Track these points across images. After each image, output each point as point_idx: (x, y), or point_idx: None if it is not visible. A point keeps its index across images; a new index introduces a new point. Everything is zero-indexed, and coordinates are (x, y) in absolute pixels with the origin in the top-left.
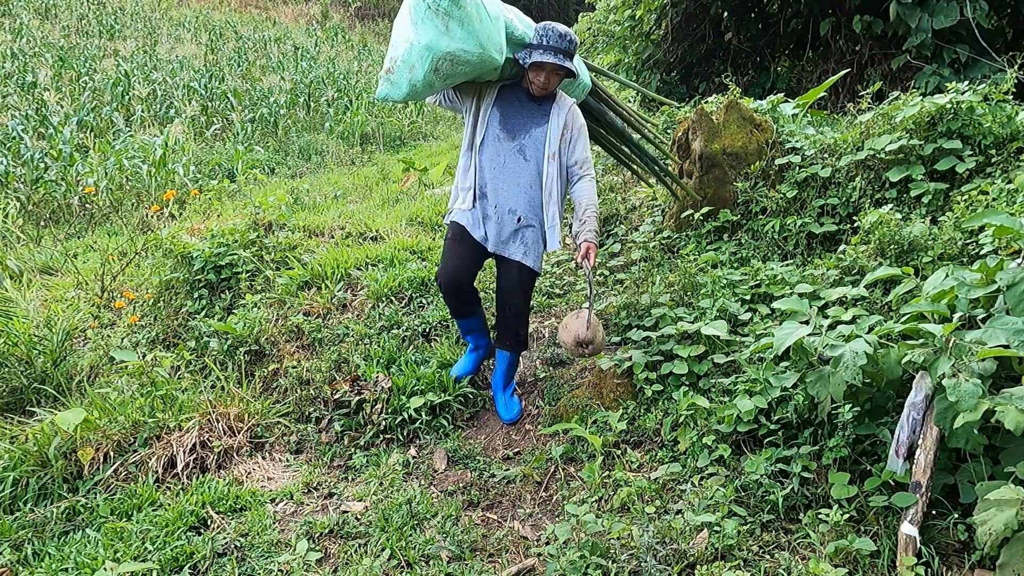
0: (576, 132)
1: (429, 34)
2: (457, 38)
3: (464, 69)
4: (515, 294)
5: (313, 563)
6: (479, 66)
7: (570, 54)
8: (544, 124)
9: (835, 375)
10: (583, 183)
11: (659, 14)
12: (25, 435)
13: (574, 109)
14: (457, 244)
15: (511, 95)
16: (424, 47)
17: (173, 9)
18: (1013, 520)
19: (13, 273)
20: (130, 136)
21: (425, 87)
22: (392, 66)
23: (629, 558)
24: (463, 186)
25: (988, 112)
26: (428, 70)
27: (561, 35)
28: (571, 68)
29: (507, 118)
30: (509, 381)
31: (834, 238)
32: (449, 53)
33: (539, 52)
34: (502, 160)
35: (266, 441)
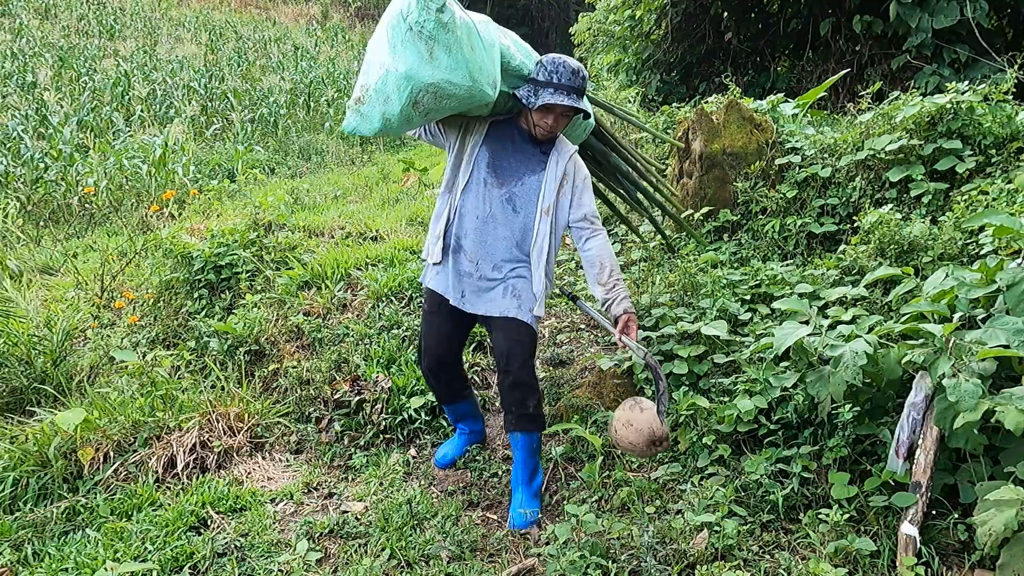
0: (580, 184)
1: (409, 61)
2: (443, 67)
3: (449, 104)
4: (513, 358)
5: (313, 563)
6: (467, 101)
7: (583, 92)
8: (540, 172)
9: (835, 375)
10: (597, 240)
11: (659, 14)
12: (25, 435)
13: (576, 158)
14: (434, 318)
15: (504, 133)
16: (403, 76)
17: (173, 9)
18: (1013, 520)
19: (13, 273)
20: (130, 136)
21: (401, 122)
22: (363, 95)
23: (629, 558)
24: (435, 234)
25: (988, 112)
26: (406, 103)
27: (574, 71)
28: (586, 109)
29: (497, 160)
30: (531, 474)
31: (834, 238)
32: (432, 84)
33: (548, 92)
34: (488, 209)
35: (266, 441)
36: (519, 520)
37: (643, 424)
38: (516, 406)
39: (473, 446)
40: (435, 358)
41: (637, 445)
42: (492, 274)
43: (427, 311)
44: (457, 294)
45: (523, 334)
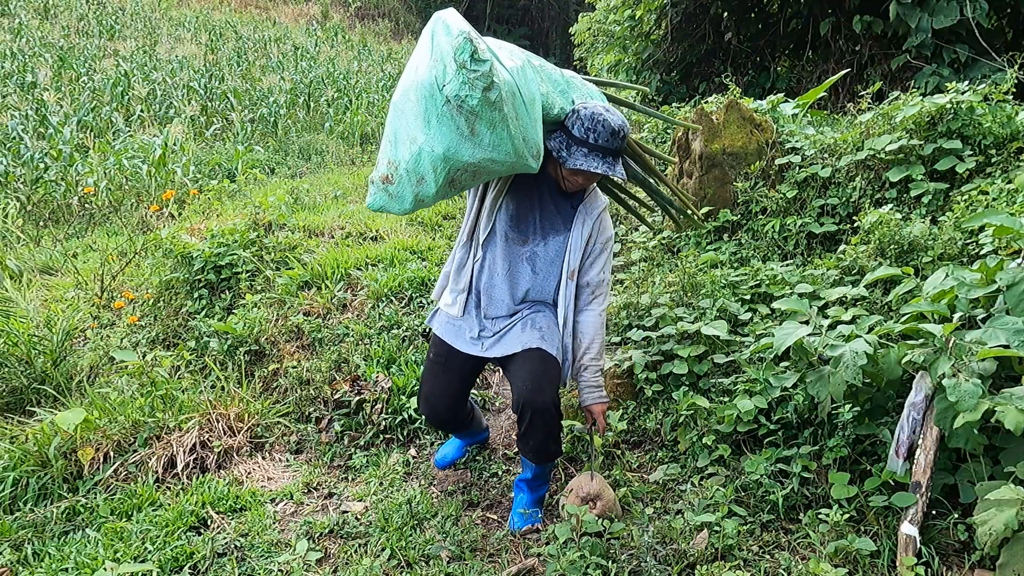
0: (599, 248)
1: (447, 139)
2: (485, 145)
3: (486, 177)
4: (537, 392)
5: (313, 563)
6: (507, 172)
7: (620, 153)
8: (565, 233)
9: (835, 375)
10: (591, 314)
11: (659, 14)
12: (25, 435)
13: (603, 218)
14: (443, 370)
15: (531, 185)
16: (439, 157)
17: (173, 9)
18: (1013, 520)
19: (13, 273)
20: (130, 136)
21: (435, 199)
22: (391, 173)
23: (629, 558)
24: (456, 287)
25: (988, 112)
26: (443, 183)
27: (613, 132)
28: (620, 177)
29: (521, 214)
30: (539, 484)
31: (834, 238)
32: (473, 164)
33: (582, 153)
34: (506, 266)
35: (266, 441)
36: (519, 521)
37: (576, 485)
38: (536, 441)
39: (472, 447)
40: (441, 410)
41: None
42: (506, 320)
43: (432, 359)
44: (476, 346)
45: (548, 367)
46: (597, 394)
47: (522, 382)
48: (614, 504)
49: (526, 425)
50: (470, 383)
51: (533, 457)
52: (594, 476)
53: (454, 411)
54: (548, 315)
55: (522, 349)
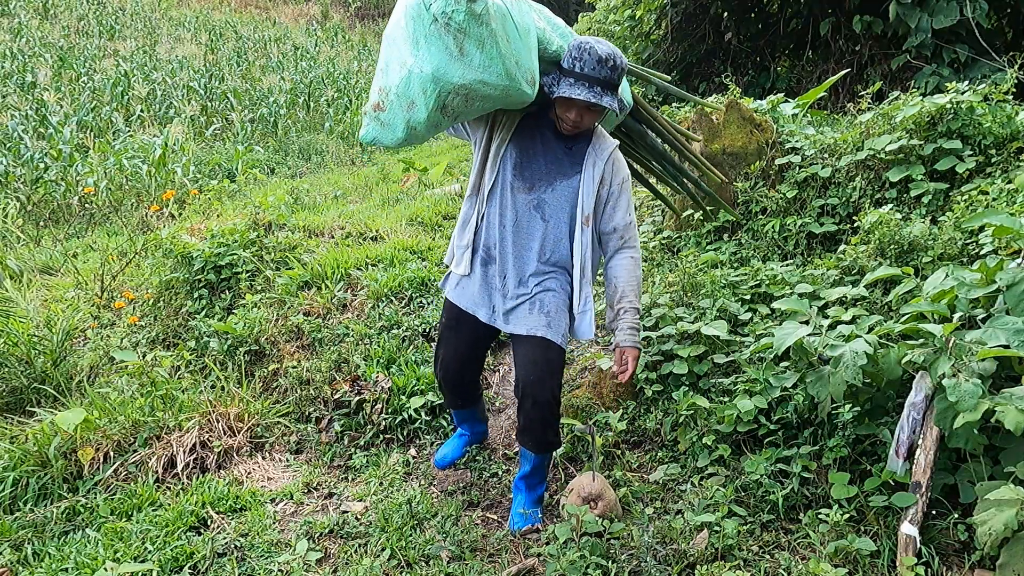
0: (617, 189)
1: (436, 59)
2: (475, 65)
3: (482, 105)
4: (539, 383)
5: (313, 563)
6: (502, 101)
7: (612, 85)
8: (575, 177)
9: (835, 375)
10: (622, 258)
11: (659, 14)
12: (25, 435)
13: (616, 157)
14: (454, 335)
15: (534, 130)
16: (428, 77)
17: (173, 9)
18: (1013, 520)
19: (13, 273)
20: (130, 136)
21: (428, 129)
22: (382, 100)
23: (629, 558)
24: (460, 243)
25: (988, 112)
26: (433, 108)
27: (600, 60)
28: (608, 107)
29: (526, 161)
30: (536, 484)
31: (834, 238)
32: (463, 86)
33: (568, 82)
34: (513, 217)
35: (266, 441)
36: (519, 521)
37: (578, 486)
38: (534, 431)
39: (473, 447)
40: (451, 373)
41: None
42: (518, 289)
43: (444, 324)
44: (488, 310)
45: (551, 356)
46: (633, 337)
47: (525, 371)
48: (615, 504)
49: (525, 414)
50: (481, 349)
51: (532, 446)
52: (595, 476)
53: (461, 375)
54: (559, 295)
55: (527, 334)
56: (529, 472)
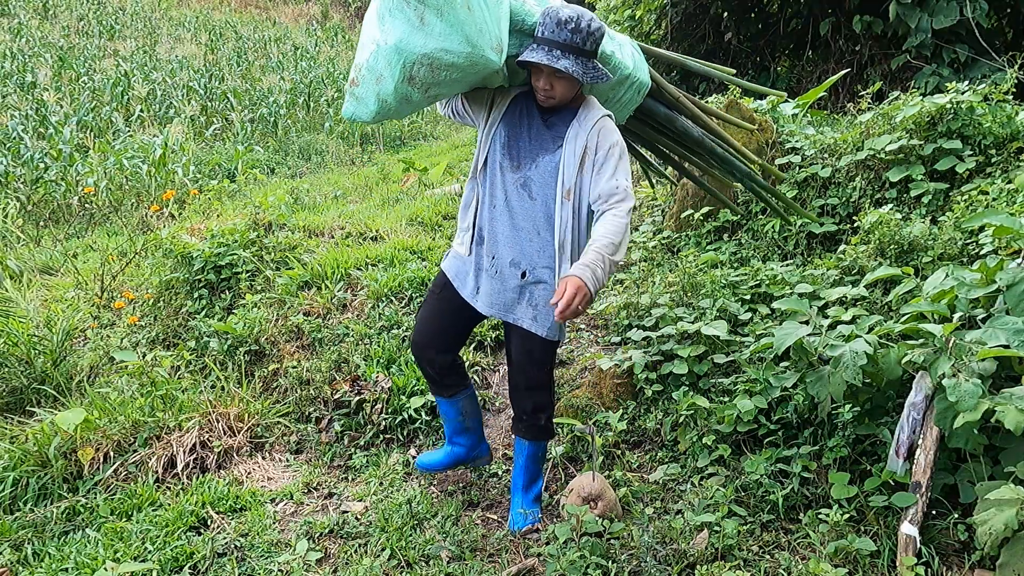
0: (604, 156)
1: (398, 30)
2: (436, 34)
3: (450, 75)
4: (522, 370)
5: (313, 563)
6: (469, 70)
7: (572, 47)
8: (556, 151)
9: (835, 375)
10: (604, 216)
11: (659, 14)
12: (25, 435)
13: (603, 125)
14: (434, 300)
15: (523, 107)
16: (392, 48)
17: (173, 9)
18: (1013, 520)
19: (13, 273)
20: (130, 136)
21: (399, 101)
22: (357, 75)
23: (629, 558)
24: (462, 225)
25: (988, 112)
26: (399, 79)
27: (560, 22)
28: (566, 70)
29: (513, 139)
30: (531, 480)
31: (834, 238)
32: (426, 55)
33: (531, 48)
34: (503, 196)
35: (266, 441)
36: (519, 521)
37: (578, 486)
38: (526, 415)
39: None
40: (422, 342)
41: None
42: (509, 272)
43: (430, 291)
44: (471, 289)
45: (533, 348)
46: (584, 270)
47: (512, 361)
48: (615, 504)
49: (513, 396)
50: (459, 326)
51: (523, 431)
52: (595, 476)
53: (433, 349)
54: (550, 288)
55: (513, 323)
56: (523, 465)
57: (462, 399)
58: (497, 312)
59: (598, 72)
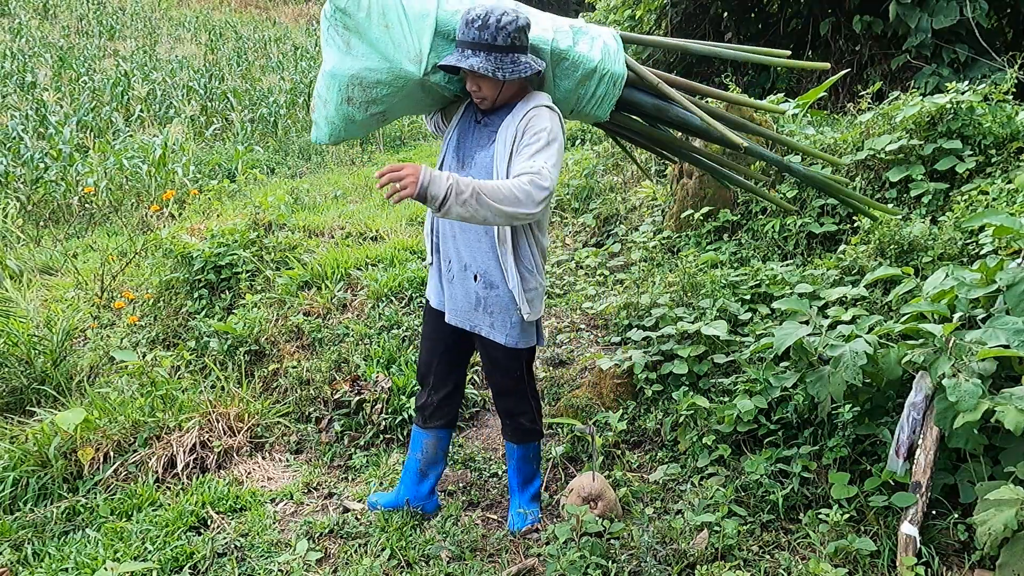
0: (529, 140)
1: (332, 57)
2: (359, 55)
3: (380, 92)
4: (491, 377)
5: (313, 563)
6: (397, 84)
7: (486, 45)
8: (490, 146)
9: (835, 375)
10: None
11: (659, 14)
12: (25, 435)
13: (535, 113)
14: (426, 330)
15: (472, 110)
16: (329, 74)
17: (173, 9)
18: (1013, 520)
19: (13, 273)
20: (129, 136)
21: (345, 122)
22: (314, 103)
23: (629, 558)
24: (424, 233)
25: (988, 112)
26: (338, 101)
27: (468, 23)
28: (473, 68)
29: (462, 141)
30: (526, 480)
31: (834, 238)
32: (355, 76)
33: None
34: None
35: (266, 441)
36: (518, 521)
37: (578, 485)
38: (508, 419)
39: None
40: (420, 375)
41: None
42: (462, 276)
43: (423, 323)
44: (438, 302)
45: (501, 356)
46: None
47: (485, 374)
48: (615, 504)
49: (495, 402)
50: (457, 344)
51: (511, 435)
52: (595, 476)
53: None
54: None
55: (471, 329)
56: (516, 466)
57: (428, 436)
58: (458, 320)
59: (518, 66)
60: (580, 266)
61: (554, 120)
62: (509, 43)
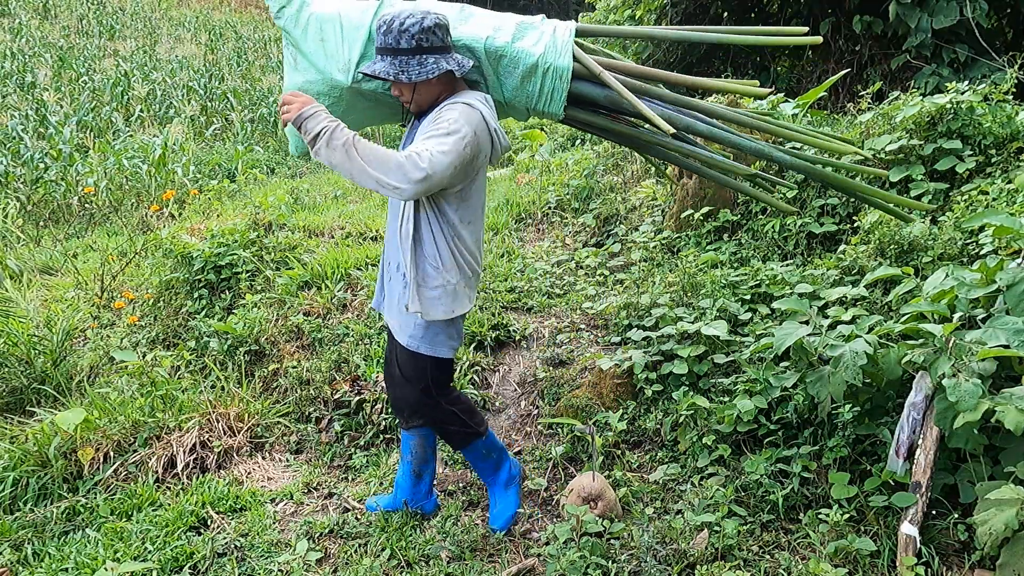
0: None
1: (287, 75)
2: (302, 68)
3: (326, 104)
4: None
5: (313, 563)
6: (333, 94)
7: (391, 50)
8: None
9: (835, 375)
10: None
11: (659, 14)
12: (25, 435)
13: (448, 105)
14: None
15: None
16: (284, 90)
17: (173, 9)
18: (1013, 520)
19: (13, 273)
20: (129, 136)
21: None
22: None
23: (629, 558)
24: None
25: (988, 112)
26: None
27: (379, 28)
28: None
29: (405, 146)
30: (490, 471)
31: (834, 238)
32: (300, 89)
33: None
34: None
35: (266, 441)
36: (497, 522)
37: (578, 485)
38: (438, 429)
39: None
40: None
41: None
42: (394, 274)
43: None
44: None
45: (403, 361)
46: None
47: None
48: (615, 504)
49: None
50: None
51: (449, 443)
52: (595, 476)
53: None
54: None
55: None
56: (473, 466)
57: (413, 437)
58: (388, 319)
59: (424, 67)
60: (580, 266)
61: (465, 114)
62: (414, 45)
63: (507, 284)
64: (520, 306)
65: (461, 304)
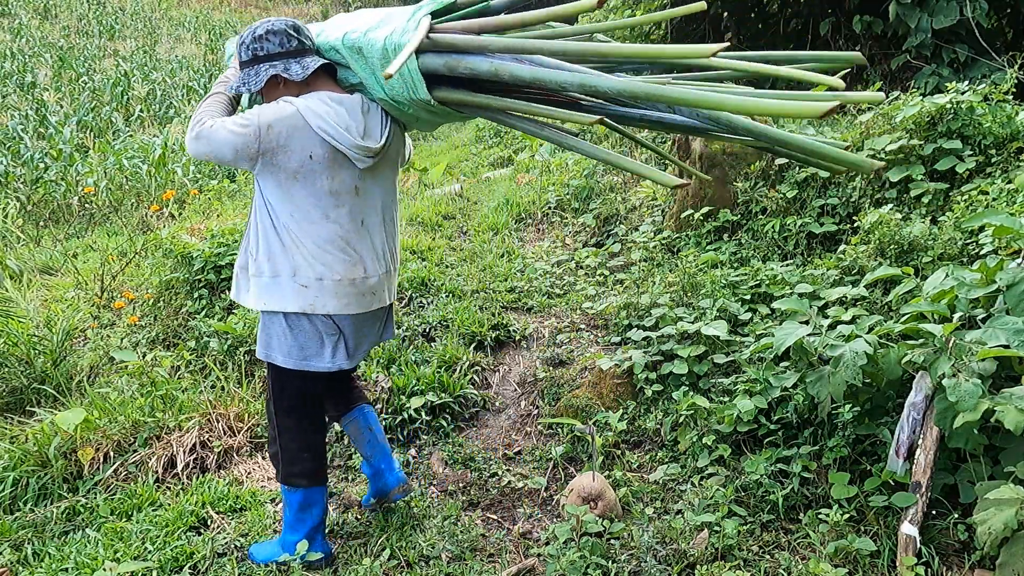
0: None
1: None
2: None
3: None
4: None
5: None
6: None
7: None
8: None
9: (835, 375)
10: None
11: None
12: (25, 435)
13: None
14: None
15: None
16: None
17: (173, 9)
18: (1013, 520)
19: (13, 273)
20: (129, 136)
21: None
22: None
23: (629, 558)
24: None
25: (988, 112)
26: None
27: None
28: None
29: None
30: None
31: (834, 238)
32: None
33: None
34: None
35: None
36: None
37: (578, 485)
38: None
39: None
40: None
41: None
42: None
43: None
44: None
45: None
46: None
47: None
48: (615, 504)
49: None
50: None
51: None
52: (595, 476)
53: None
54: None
55: None
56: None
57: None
58: None
59: (258, 76)
60: (580, 266)
61: (270, 109)
62: (251, 56)
63: (507, 284)
64: (520, 306)
65: (283, 301)
